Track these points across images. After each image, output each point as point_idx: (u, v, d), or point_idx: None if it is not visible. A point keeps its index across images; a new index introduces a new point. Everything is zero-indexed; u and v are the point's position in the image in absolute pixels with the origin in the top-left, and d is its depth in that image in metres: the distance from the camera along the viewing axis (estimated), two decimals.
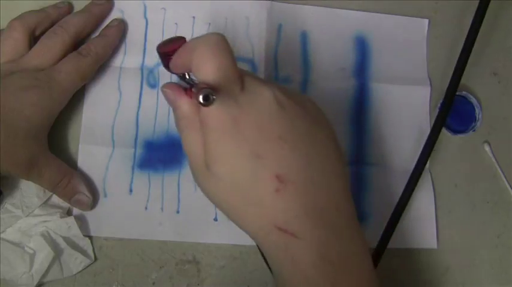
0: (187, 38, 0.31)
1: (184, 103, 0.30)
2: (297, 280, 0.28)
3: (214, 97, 0.26)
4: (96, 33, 0.41)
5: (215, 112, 0.28)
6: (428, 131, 0.44)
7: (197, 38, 0.29)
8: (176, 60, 0.31)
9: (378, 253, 0.39)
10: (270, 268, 0.31)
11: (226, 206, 0.30)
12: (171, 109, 0.41)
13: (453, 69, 0.41)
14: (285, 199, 0.28)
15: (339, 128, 0.42)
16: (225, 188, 0.29)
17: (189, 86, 0.31)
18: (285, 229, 0.28)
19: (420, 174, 0.40)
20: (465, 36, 0.41)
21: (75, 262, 0.38)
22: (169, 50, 0.31)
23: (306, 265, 0.28)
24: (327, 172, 0.30)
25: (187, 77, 0.31)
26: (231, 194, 0.29)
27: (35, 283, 0.36)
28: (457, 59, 0.41)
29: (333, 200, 0.29)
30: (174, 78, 0.41)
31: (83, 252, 0.38)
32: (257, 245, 0.32)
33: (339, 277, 0.28)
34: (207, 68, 0.28)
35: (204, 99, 0.26)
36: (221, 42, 0.28)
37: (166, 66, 0.32)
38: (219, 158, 0.29)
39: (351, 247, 0.29)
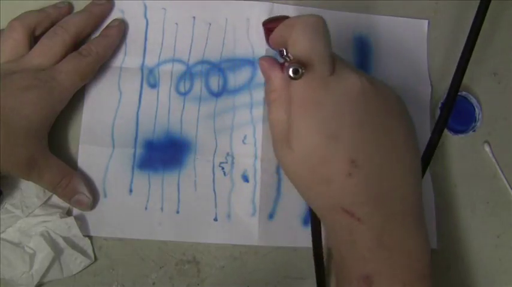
0: (189, 38, 0.32)
1: (277, 76, 0.32)
2: (355, 261, 0.30)
3: (303, 71, 0.28)
4: (97, 34, 0.41)
5: (302, 89, 0.30)
6: (429, 131, 0.44)
7: (297, 16, 0.31)
8: (275, 35, 0.33)
9: None
10: (315, 238, 0.34)
11: (298, 181, 0.32)
12: (171, 109, 0.41)
13: (453, 69, 0.41)
14: (356, 183, 0.30)
15: None
16: (300, 163, 0.31)
17: (284, 62, 0.32)
18: (351, 212, 0.30)
19: (422, 176, 0.40)
20: (465, 36, 0.41)
21: (75, 262, 0.38)
22: (273, 26, 0.33)
23: (364, 249, 0.30)
24: (398, 162, 0.31)
25: (284, 53, 0.32)
26: (305, 169, 0.31)
27: (35, 283, 0.36)
28: (457, 59, 0.41)
29: (399, 190, 0.31)
30: (175, 77, 0.42)
31: (83, 252, 0.38)
32: (311, 217, 0.34)
33: (394, 264, 0.29)
34: (301, 46, 0.30)
35: (293, 72, 0.28)
36: (319, 24, 0.30)
37: (268, 41, 0.34)
38: (299, 133, 0.30)
39: (410, 235, 0.31)
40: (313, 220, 0.37)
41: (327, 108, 0.30)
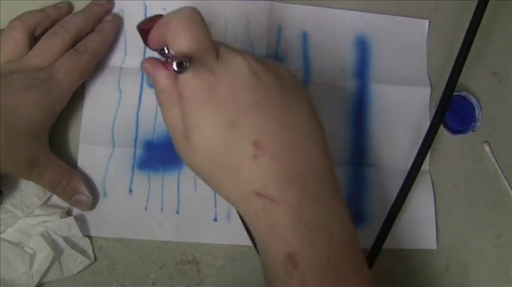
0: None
1: (163, 76, 0.30)
2: (276, 244, 0.29)
3: (187, 64, 0.27)
4: None
5: (190, 81, 0.29)
6: None
7: (171, 12, 0.30)
8: (153, 35, 0.32)
9: (373, 253, 0.39)
10: (250, 235, 0.32)
11: (206, 176, 0.31)
12: None
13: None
14: (263, 164, 0.29)
15: (339, 129, 0.43)
16: (203, 157, 0.30)
17: (166, 60, 0.32)
18: (264, 194, 0.29)
19: (417, 172, 0.40)
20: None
21: (75, 262, 0.38)
22: (149, 27, 0.32)
23: (284, 229, 0.29)
24: (303, 138, 0.30)
25: (166, 51, 0.32)
26: (210, 163, 0.30)
27: (35, 283, 0.36)
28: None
29: (309, 165, 0.30)
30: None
31: (83, 252, 0.38)
32: (239, 215, 0.32)
33: (316, 239, 0.29)
34: (180, 40, 0.29)
35: (177, 66, 0.27)
36: (194, 13, 0.29)
37: (146, 43, 0.33)
38: (196, 127, 0.29)
39: (328, 209, 0.30)
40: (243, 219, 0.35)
41: (219, 95, 0.29)
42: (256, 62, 0.30)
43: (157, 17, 0.32)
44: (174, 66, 0.27)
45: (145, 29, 0.32)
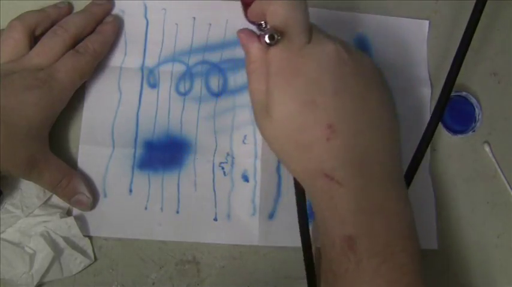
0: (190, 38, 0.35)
1: (255, 47, 0.32)
2: (337, 225, 0.30)
3: (279, 37, 0.30)
4: None
5: (278, 55, 0.31)
6: None
7: None
8: (254, 8, 0.33)
9: None
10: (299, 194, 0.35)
11: (279, 149, 0.33)
12: (171, 109, 0.41)
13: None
14: (334, 147, 0.30)
15: None
16: (280, 130, 0.31)
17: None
18: (331, 175, 0.30)
19: (415, 172, 0.40)
20: None
21: (75, 262, 0.38)
22: (250, 0, 0.33)
23: (346, 211, 0.30)
24: (376, 128, 0.32)
25: (263, 26, 0.33)
26: (286, 137, 0.31)
27: (35, 283, 0.36)
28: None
29: (377, 155, 0.32)
30: (175, 77, 0.42)
31: (83, 252, 0.38)
32: (296, 188, 0.35)
33: (376, 225, 0.30)
34: (279, 15, 0.31)
35: (269, 38, 0.30)
36: None
37: (246, 15, 0.35)
38: (277, 101, 0.31)
39: (390, 198, 0.31)
40: (298, 195, 0.37)
41: (303, 75, 0.31)
42: (344, 50, 0.32)
43: None
44: (266, 38, 0.30)
45: (247, 1, 0.34)
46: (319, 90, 0.31)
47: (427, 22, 0.46)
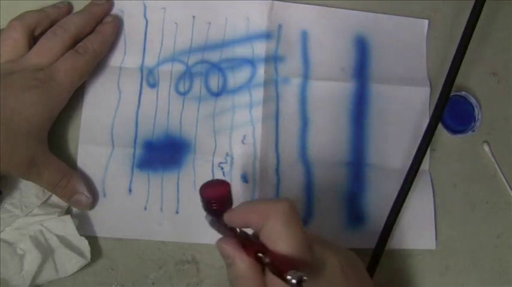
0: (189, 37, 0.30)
1: (243, 261, 0.29)
2: None
3: (305, 278, 0.26)
4: None
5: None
6: None
7: (266, 203, 0.30)
8: (237, 218, 0.30)
9: (376, 254, 0.39)
10: None
11: None
12: (170, 109, 0.41)
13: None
14: None
15: (338, 129, 0.43)
16: None
17: (242, 240, 0.30)
18: None
19: (416, 172, 0.40)
20: None
21: (70, 262, 0.37)
22: (215, 196, 0.31)
23: None
24: None
25: (238, 231, 0.31)
26: None
27: (28, 283, 0.36)
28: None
29: None
30: (174, 77, 0.42)
31: (79, 252, 0.38)
32: None
33: None
34: (280, 241, 0.28)
35: (298, 282, 0.26)
36: (293, 211, 0.29)
37: (210, 211, 0.32)
38: None
39: None
40: None
41: None
42: (347, 263, 0.31)
43: (221, 183, 0.32)
44: (294, 282, 0.26)
45: (209, 197, 0.31)
46: None
47: (426, 21, 0.46)
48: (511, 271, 0.44)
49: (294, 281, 0.26)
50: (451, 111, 0.44)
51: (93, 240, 0.39)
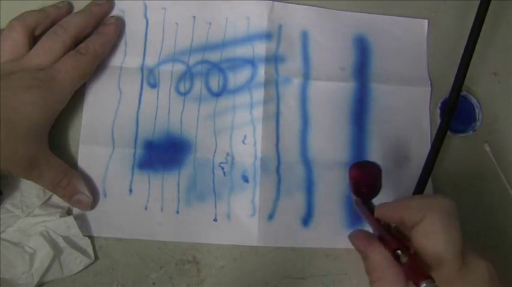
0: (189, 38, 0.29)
1: (377, 255, 0.29)
2: None
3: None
4: None
5: None
6: (428, 131, 0.44)
7: (425, 198, 0.29)
8: (391, 213, 0.30)
9: None
10: None
11: None
12: (171, 109, 0.41)
13: (453, 69, 0.41)
14: None
15: (338, 128, 0.43)
16: None
17: (384, 233, 0.30)
18: None
19: (427, 179, 0.40)
20: (465, 36, 0.41)
21: (75, 262, 0.37)
22: (365, 179, 0.31)
23: None
24: None
25: (387, 225, 0.31)
26: None
27: (35, 282, 0.36)
28: (457, 59, 0.41)
29: None
30: (175, 77, 0.42)
31: (83, 252, 0.38)
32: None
33: None
34: (437, 239, 0.27)
35: None
36: (455, 210, 0.28)
37: (358, 193, 0.32)
38: None
39: None
40: None
41: None
42: (494, 269, 0.30)
43: (371, 165, 0.31)
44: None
45: (358, 177, 0.31)
46: None
47: (426, 21, 0.46)
48: (511, 273, 0.44)
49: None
50: None
51: (93, 240, 0.39)
